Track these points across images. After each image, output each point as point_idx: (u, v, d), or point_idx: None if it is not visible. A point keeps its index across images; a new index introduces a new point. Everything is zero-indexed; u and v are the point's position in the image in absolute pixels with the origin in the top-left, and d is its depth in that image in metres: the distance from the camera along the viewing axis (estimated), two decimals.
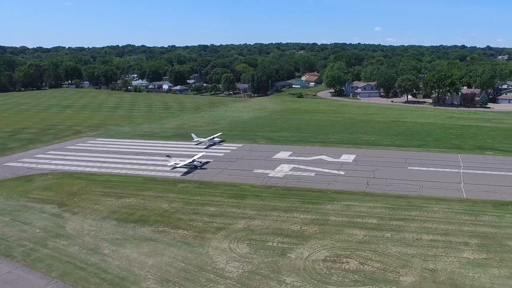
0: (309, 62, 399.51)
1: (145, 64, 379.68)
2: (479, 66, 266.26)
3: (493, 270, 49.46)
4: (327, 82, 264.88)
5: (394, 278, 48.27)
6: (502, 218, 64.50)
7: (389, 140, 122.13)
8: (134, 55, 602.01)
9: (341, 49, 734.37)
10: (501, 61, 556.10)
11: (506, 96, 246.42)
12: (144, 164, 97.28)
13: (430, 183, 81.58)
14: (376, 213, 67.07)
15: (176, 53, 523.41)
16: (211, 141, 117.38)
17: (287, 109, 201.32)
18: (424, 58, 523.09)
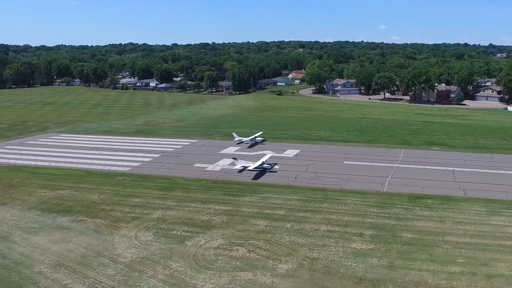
0: (297, 60, 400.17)
1: (139, 62, 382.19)
2: (457, 63, 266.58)
3: (373, 260, 51.11)
4: (308, 80, 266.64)
5: (272, 266, 50.11)
6: (410, 211, 66.15)
7: (342, 136, 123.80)
8: (135, 53, 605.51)
9: (341, 47, 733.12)
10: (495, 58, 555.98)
11: (484, 93, 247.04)
12: (94, 158, 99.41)
13: (358, 177, 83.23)
14: (288, 204, 68.92)
15: (171, 52, 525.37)
16: (253, 140, 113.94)
17: (261, 107, 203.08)
18: (418, 56, 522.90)
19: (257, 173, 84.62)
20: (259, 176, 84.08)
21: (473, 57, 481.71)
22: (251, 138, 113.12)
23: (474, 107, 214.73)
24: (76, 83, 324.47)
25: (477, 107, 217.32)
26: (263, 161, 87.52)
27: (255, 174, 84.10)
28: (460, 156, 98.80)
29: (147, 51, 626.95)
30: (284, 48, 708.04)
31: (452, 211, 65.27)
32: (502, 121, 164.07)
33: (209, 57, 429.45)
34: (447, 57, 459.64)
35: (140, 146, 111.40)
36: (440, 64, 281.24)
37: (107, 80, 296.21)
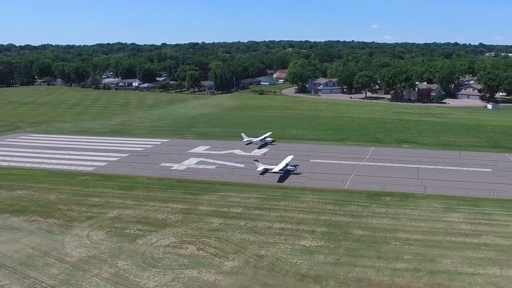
0: (282, 59, 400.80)
1: (124, 62, 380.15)
2: (439, 62, 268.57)
3: (320, 257, 51.25)
4: (290, 79, 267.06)
5: (218, 263, 50.08)
6: (366, 208, 66.44)
7: (315, 135, 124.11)
8: (122, 53, 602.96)
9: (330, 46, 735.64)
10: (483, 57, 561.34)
11: (465, 92, 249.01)
12: (60, 158, 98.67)
13: (321, 174, 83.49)
14: (246, 203, 68.96)
15: (157, 51, 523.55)
16: (263, 141, 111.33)
17: (241, 106, 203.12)
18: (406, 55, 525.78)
19: (281, 175, 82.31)
20: (284, 178, 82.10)
21: (461, 56, 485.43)
22: (261, 139, 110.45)
23: (454, 105, 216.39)
24: (58, 83, 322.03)
25: (457, 105, 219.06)
26: (286, 163, 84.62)
27: (279, 177, 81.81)
28: (428, 154, 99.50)
29: (134, 51, 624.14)
30: (273, 48, 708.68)
31: (408, 208, 65.69)
32: (479, 119, 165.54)
33: (196, 57, 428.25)
34: (436, 56, 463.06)
35: (110, 146, 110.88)
36: (422, 63, 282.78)
37: (88, 80, 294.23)
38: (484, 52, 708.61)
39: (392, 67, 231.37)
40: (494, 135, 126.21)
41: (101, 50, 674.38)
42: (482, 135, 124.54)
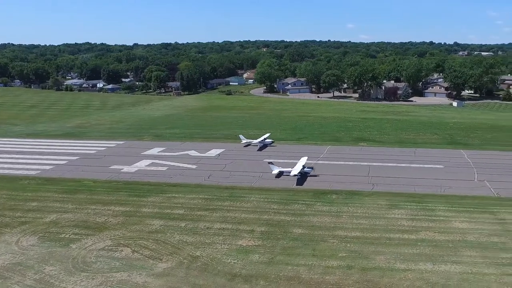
0: (253, 59, 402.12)
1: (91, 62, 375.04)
2: (405, 60, 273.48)
3: (255, 256, 51.41)
4: (258, 79, 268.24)
5: (151, 265, 49.81)
6: (310, 206, 66.97)
7: (274, 134, 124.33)
8: (91, 53, 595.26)
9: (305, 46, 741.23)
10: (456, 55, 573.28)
11: (432, 90, 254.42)
12: (1, 162, 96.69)
13: (270, 174, 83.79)
14: (190, 204, 68.84)
15: (126, 52, 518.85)
16: (262, 142, 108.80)
17: (206, 107, 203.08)
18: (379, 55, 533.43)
19: (298, 178, 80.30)
20: (302, 181, 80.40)
21: (434, 55, 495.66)
22: (260, 141, 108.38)
23: (420, 103, 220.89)
24: (17, 84, 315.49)
25: (423, 103, 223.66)
26: (303, 165, 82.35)
27: (297, 179, 79.92)
28: (383, 152, 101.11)
29: (103, 51, 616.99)
30: (247, 48, 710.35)
31: (352, 206, 66.55)
32: (442, 116, 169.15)
33: (167, 57, 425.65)
34: (409, 55, 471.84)
35: (60, 149, 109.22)
36: (390, 62, 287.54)
37: (49, 81, 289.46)
38: (458, 51, 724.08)
39: (358, 66, 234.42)
40: (453, 132, 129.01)
41: (68, 50, 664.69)
42: (441, 132, 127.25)
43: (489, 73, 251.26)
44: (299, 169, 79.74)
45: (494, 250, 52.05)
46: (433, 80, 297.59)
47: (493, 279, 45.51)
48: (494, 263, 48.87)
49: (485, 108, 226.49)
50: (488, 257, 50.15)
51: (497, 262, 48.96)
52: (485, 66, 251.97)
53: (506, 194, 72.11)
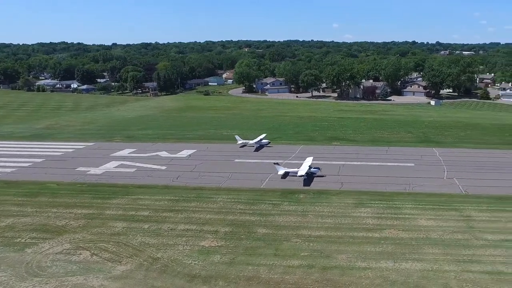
0: (232, 59, 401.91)
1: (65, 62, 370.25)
2: (384, 59, 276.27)
3: (216, 257, 51.14)
4: (236, 79, 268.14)
5: (110, 268, 49.17)
6: (277, 206, 66.93)
7: (248, 134, 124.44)
8: (67, 52, 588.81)
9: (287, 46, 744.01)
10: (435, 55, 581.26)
11: (411, 89, 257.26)
12: None
13: (242, 174, 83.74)
14: (156, 205, 68.26)
15: (103, 52, 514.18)
16: (258, 143, 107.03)
17: (183, 107, 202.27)
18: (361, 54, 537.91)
19: (304, 178, 79.16)
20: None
21: (416, 54, 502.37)
22: (257, 141, 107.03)
23: (399, 102, 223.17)
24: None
25: (401, 102, 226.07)
26: (309, 166, 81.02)
27: (304, 181, 78.78)
28: (356, 150, 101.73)
29: (80, 51, 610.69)
30: (229, 48, 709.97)
31: (319, 205, 66.76)
32: (419, 115, 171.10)
33: (146, 57, 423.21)
34: (391, 55, 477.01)
35: (25, 151, 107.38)
36: (369, 61, 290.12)
37: (19, 81, 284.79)
38: (440, 50, 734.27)
39: (336, 65, 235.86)
40: (427, 130, 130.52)
41: (42, 49, 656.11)
42: (415, 131, 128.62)
43: (466, 72, 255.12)
44: (305, 170, 78.85)
45: (457, 247, 52.64)
46: (413, 79, 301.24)
47: (452, 276, 46.00)
48: (455, 260, 49.42)
49: (462, 106, 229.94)
50: (450, 254, 50.70)
51: (458, 259, 49.52)
52: (462, 65, 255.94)
53: (474, 191, 73.02)
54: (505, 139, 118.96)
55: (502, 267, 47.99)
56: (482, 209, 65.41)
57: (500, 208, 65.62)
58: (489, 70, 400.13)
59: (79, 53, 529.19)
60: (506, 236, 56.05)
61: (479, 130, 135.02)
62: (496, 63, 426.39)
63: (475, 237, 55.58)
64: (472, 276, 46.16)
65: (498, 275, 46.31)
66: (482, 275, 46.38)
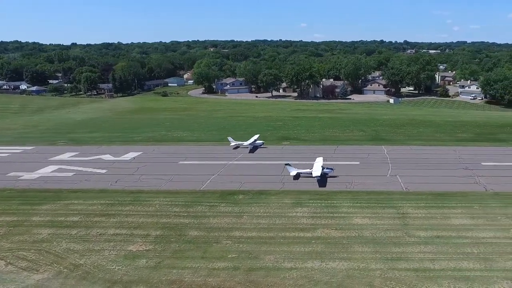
0: (194, 59, 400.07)
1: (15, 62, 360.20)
2: (344, 58, 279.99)
3: (142, 261, 50.43)
4: (195, 79, 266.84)
5: (24, 277, 47.83)
6: (213, 208, 66.52)
7: (198, 136, 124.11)
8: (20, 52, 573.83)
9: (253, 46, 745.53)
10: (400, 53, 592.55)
11: (371, 87, 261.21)
12: None
13: (183, 176, 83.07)
14: (88, 210, 66.87)
15: (58, 51, 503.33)
16: (252, 144, 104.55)
17: (138, 109, 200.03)
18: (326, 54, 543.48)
19: (318, 179, 78.17)
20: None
21: (382, 53, 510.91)
22: (251, 142, 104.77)
23: (358, 101, 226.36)
24: None
25: (361, 100, 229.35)
26: (322, 166, 79.62)
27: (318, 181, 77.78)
28: (304, 150, 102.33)
29: (35, 51, 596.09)
30: (194, 48, 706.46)
31: (256, 206, 66.71)
32: (376, 113, 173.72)
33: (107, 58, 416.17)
34: (357, 54, 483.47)
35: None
36: (330, 60, 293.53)
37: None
38: (407, 49, 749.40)
39: (295, 64, 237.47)
40: (380, 128, 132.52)
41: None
42: (368, 129, 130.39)
43: (425, 70, 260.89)
44: (320, 170, 78.16)
45: (387, 245, 53.33)
46: (375, 77, 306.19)
47: (377, 274, 46.52)
48: (383, 258, 50.02)
49: (420, 104, 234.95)
50: (379, 252, 51.30)
51: (387, 257, 50.15)
52: (421, 63, 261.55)
53: (415, 188, 74.29)
54: (455, 136, 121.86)
55: (430, 264, 48.75)
56: (420, 206, 66.40)
57: (438, 205, 66.81)
58: (451, 68, 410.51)
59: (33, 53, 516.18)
60: (439, 232, 56.97)
61: (431, 127, 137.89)
62: (458, 61, 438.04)
63: (408, 235, 56.37)
64: (397, 273, 46.75)
65: (424, 272, 47.00)
66: (408, 272, 46.98)
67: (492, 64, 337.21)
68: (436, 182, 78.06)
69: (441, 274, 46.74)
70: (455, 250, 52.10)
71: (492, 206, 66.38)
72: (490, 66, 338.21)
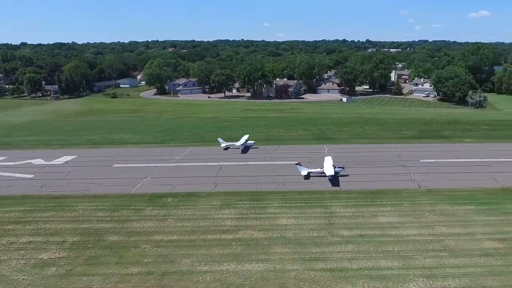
0: (147, 59, 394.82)
1: None
2: (297, 57, 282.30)
3: (52, 269, 49.01)
4: (146, 80, 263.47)
5: None
6: (139, 212, 65.34)
7: (140, 138, 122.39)
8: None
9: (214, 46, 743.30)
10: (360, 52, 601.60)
11: (325, 86, 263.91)
12: None
13: (115, 180, 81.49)
14: (4, 218, 64.60)
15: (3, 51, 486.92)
16: (243, 145, 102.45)
17: (85, 111, 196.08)
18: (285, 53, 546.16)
19: (330, 179, 77.08)
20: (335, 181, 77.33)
21: (342, 52, 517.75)
22: (242, 143, 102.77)
23: (312, 100, 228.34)
24: None
25: (314, 100, 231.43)
26: (333, 165, 78.34)
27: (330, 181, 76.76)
28: (244, 150, 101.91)
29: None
30: (152, 48, 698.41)
31: (184, 208, 66.09)
32: (326, 112, 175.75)
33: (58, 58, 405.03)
34: (318, 53, 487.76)
35: None
36: (284, 59, 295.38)
37: None
38: (369, 48, 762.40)
39: (247, 64, 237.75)
40: (326, 127, 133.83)
41: None
42: (314, 128, 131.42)
43: (379, 68, 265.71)
44: (332, 169, 77.42)
45: (308, 245, 53.49)
46: (331, 76, 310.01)
47: (292, 276, 46.53)
48: (301, 258, 50.10)
49: (374, 102, 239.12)
50: (298, 253, 51.38)
51: (305, 258, 50.24)
52: (375, 61, 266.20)
53: (348, 187, 74.98)
54: (400, 133, 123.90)
55: (348, 264, 49.01)
56: (349, 204, 66.93)
57: (368, 203, 67.48)
58: (408, 67, 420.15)
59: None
60: (363, 231, 57.44)
61: (378, 125, 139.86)
62: (414, 59, 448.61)
63: (331, 234, 56.72)
64: (312, 274, 46.88)
65: (340, 272, 47.19)
66: (323, 272, 47.16)
67: (446, 62, 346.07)
68: (371, 180, 78.96)
69: (358, 273, 47.03)
70: (376, 249, 52.55)
71: (422, 203, 67.32)
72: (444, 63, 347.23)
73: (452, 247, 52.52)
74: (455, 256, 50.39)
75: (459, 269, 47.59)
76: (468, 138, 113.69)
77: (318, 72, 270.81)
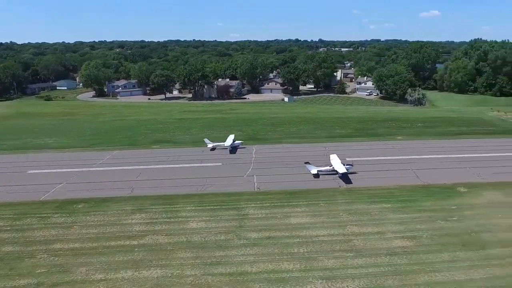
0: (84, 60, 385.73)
1: None
2: (239, 57, 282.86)
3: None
4: (83, 82, 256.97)
5: None
6: (44, 219, 63.17)
7: (67, 142, 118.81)
8: None
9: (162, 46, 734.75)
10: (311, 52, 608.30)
11: (268, 86, 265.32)
12: None
13: (27, 186, 78.82)
14: None
15: None
16: (231, 145, 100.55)
17: (12, 114, 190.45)
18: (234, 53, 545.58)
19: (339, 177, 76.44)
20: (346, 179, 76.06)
21: (293, 51, 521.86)
22: (230, 144, 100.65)
23: (253, 100, 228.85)
24: None
25: (256, 100, 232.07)
26: (342, 163, 77.62)
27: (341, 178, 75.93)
28: (170, 153, 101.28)
29: None
30: (98, 48, 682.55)
31: (93, 214, 64.59)
32: (266, 112, 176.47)
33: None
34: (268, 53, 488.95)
35: None
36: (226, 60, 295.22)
37: None
38: (320, 47, 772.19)
39: (187, 64, 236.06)
40: (260, 127, 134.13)
41: None
42: (248, 129, 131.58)
43: (322, 67, 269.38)
44: (343, 167, 76.80)
45: (212, 249, 52.96)
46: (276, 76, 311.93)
47: (189, 281, 45.96)
48: (202, 263, 49.53)
49: (315, 102, 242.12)
50: (200, 257, 50.80)
51: (206, 262, 49.69)
52: (317, 60, 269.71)
53: (267, 188, 75.00)
54: (333, 132, 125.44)
55: (248, 267, 48.69)
56: (264, 206, 66.86)
57: (284, 204, 67.43)
58: (354, 65, 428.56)
59: None
60: (272, 233, 57.21)
61: (313, 124, 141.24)
62: (361, 58, 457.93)
63: (238, 237, 56.34)
64: (210, 279, 46.39)
65: (238, 276, 46.85)
66: (221, 277, 46.73)
67: (391, 61, 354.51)
68: (293, 180, 79.14)
69: (256, 277, 46.80)
70: (281, 251, 52.48)
71: (339, 203, 67.81)
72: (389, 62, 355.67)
73: (360, 247, 52.97)
74: (361, 256, 50.82)
75: (362, 269, 48.04)
76: (401, 136, 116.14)
77: (261, 72, 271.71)
